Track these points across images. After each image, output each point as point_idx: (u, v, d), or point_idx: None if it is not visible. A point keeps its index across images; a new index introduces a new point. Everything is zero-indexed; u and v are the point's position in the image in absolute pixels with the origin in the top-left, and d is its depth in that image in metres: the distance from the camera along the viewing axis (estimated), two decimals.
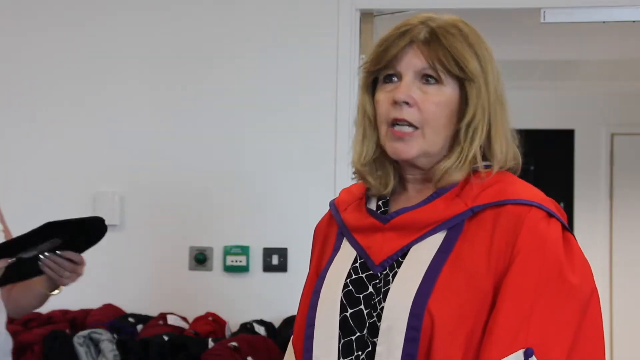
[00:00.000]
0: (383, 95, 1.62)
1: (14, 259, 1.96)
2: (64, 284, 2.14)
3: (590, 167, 7.39)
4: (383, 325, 1.56)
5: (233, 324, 3.68)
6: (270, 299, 3.71)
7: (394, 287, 1.57)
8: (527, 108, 7.31)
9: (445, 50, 1.58)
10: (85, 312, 3.64)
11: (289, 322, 3.58)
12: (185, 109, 3.77)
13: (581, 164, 7.41)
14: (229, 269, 3.75)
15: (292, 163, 3.73)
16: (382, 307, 1.57)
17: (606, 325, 7.31)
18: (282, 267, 3.71)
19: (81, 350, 3.30)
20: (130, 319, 3.62)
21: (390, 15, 3.69)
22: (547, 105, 7.40)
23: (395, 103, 1.59)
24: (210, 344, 3.39)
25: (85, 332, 3.34)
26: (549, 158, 7.41)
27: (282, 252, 3.72)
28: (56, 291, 2.15)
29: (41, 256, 2.00)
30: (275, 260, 3.73)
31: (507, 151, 1.62)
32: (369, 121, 1.66)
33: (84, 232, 2.08)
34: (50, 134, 3.79)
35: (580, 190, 7.40)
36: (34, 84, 3.77)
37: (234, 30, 3.77)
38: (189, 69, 3.80)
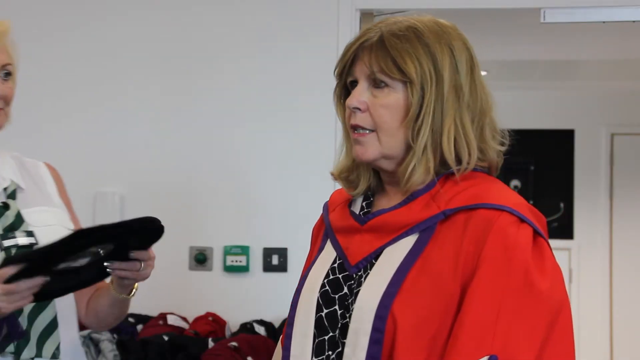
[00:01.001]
0: (347, 103, 1.65)
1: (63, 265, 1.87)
2: (138, 281, 2.05)
3: (590, 167, 7.38)
4: (351, 326, 1.57)
5: (233, 324, 3.68)
6: (270, 299, 3.71)
7: (363, 289, 1.58)
8: (527, 108, 7.31)
9: (386, 54, 1.59)
10: None
11: None
12: (186, 109, 3.77)
13: (581, 164, 7.41)
14: (229, 269, 3.75)
15: (292, 163, 3.73)
16: (354, 308, 1.58)
17: (606, 325, 7.31)
18: (282, 267, 3.71)
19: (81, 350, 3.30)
20: (130, 319, 3.62)
21: (390, 15, 3.69)
22: (547, 105, 7.40)
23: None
24: (210, 344, 3.39)
25: (85, 332, 3.34)
26: (549, 158, 7.41)
27: (282, 252, 3.72)
28: (134, 290, 2.07)
29: (106, 264, 1.91)
30: (275, 260, 3.73)
31: (464, 150, 1.59)
32: (345, 127, 1.70)
33: (134, 233, 2.03)
34: (50, 134, 3.79)
35: (580, 190, 7.40)
36: (33, 83, 3.77)
37: (233, 30, 3.77)
38: (189, 69, 3.80)
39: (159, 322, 3.62)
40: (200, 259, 3.75)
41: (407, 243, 1.58)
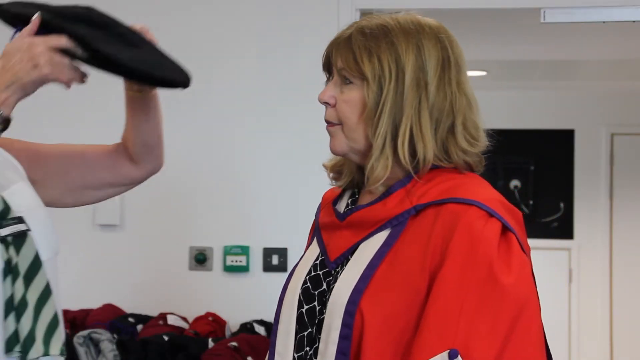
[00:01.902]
0: (318, 97, 1.72)
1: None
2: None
3: (590, 167, 7.39)
4: (325, 322, 1.59)
5: (233, 324, 3.68)
6: (270, 299, 3.69)
7: (336, 285, 1.60)
8: (527, 108, 7.31)
9: (349, 51, 1.64)
10: (85, 312, 3.64)
11: None
12: (185, 109, 3.77)
13: (581, 164, 7.41)
14: (229, 269, 3.75)
15: (292, 163, 3.73)
16: (327, 304, 1.60)
17: (606, 325, 7.31)
18: (282, 267, 3.71)
19: (81, 350, 3.31)
20: (130, 319, 3.62)
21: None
22: (547, 105, 7.40)
23: None
24: (210, 344, 3.39)
25: (85, 332, 3.34)
26: (549, 158, 7.41)
27: (282, 252, 3.72)
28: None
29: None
30: (275, 260, 3.73)
31: (421, 149, 1.59)
32: None
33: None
34: (51, 134, 3.79)
35: (580, 190, 7.40)
36: None
37: (233, 30, 3.77)
38: (189, 69, 3.79)
39: (159, 322, 3.62)
40: (200, 259, 3.75)
41: (380, 238, 1.60)
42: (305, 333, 1.63)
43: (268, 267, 3.74)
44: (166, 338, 3.36)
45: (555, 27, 4.57)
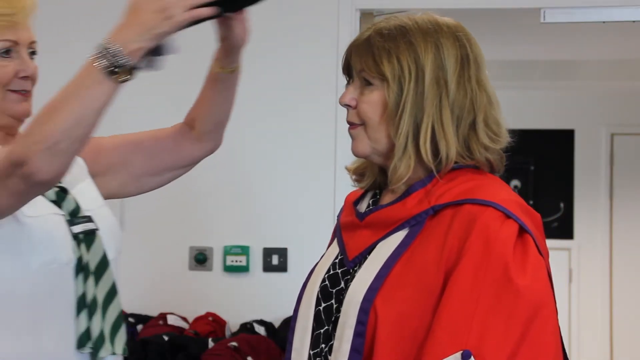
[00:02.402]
0: (339, 100, 1.71)
1: None
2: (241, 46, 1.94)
3: (590, 167, 7.38)
4: (340, 320, 1.60)
5: (233, 324, 3.68)
6: (270, 299, 3.71)
7: (352, 283, 1.61)
8: (527, 108, 7.31)
9: (368, 53, 1.64)
10: None
11: (289, 322, 3.58)
12: (185, 109, 3.77)
13: (581, 164, 7.41)
14: (229, 269, 3.75)
15: (292, 163, 3.73)
16: (343, 302, 1.61)
17: (606, 325, 7.31)
18: (282, 267, 3.71)
19: None
20: (130, 319, 3.62)
21: (390, 15, 3.70)
22: (547, 105, 7.40)
23: None
24: (210, 344, 3.39)
25: None
26: (549, 158, 7.41)
27: (282, 252, 3.72)
28: (238, 67, 1.96)
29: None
30: (275, 260, 3.73)
31: (443, 149, 1.60)
32: None
33: None
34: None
35: (580, 190, 7.40)
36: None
37: None
38: (188, 69, 3.79)
39: (159, 322, 3.62)
40: (200, 259, 3.75)
41: (398, 238, 1.61)
42: (322, 330, 1.65)
43: (268, 267, 3.73)
44: (166, 338, 3.36)
45: (555, 27, 4.57)
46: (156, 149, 2.11)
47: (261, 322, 3.63)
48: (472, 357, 1.46)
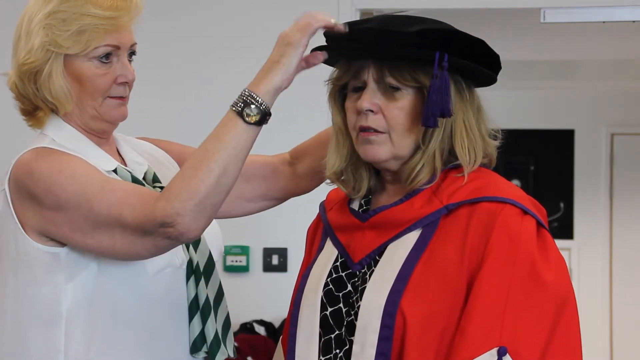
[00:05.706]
0: (351, 104, 1.69)
1: None
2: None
3: (590, 167, 7.39)
4: (359, 324, 1.58)
5: (233, 324, 3.67)
6: (270, 299, 3.71)
7: (369, 286, 1.59)
8: (527, 108, 7.31)
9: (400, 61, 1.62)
10: None
11: None
12: (186, 110, 3.77)
13: (581, 164, 7.41)
14: (229, 269, 3.75)
15: None
16: (359, 306, 1.59)
17: (606, 325, 7.31)
18: (282, 267, 3.71)
19: None
20: None
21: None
22: (547, 105, 7.40)
23: (360, 112, 1.64)
24: None
25: None
26: (549, 158, 7.41)
27: (282, 252, 3.72)
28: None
29: None
30: (275, 260, 3.73)
31: (472, 149, 1.62)
32: (339, 129, 1.73)
33: None
34: None
35: (580, 190, 7.40)
36: None
37: (232, 31, 3.77)
38: (188, 69, 3.80)
39: None
40: None
41: (411, 239, 1.60)
42: (333, 335, 1.62)
43: (268, 267, 3.74)
44: None
45: (555, 27, 4.57)
46: (252, 173, 2.06)
47: (261, 322, 3.63)
48: (507, 354, 1.47)
